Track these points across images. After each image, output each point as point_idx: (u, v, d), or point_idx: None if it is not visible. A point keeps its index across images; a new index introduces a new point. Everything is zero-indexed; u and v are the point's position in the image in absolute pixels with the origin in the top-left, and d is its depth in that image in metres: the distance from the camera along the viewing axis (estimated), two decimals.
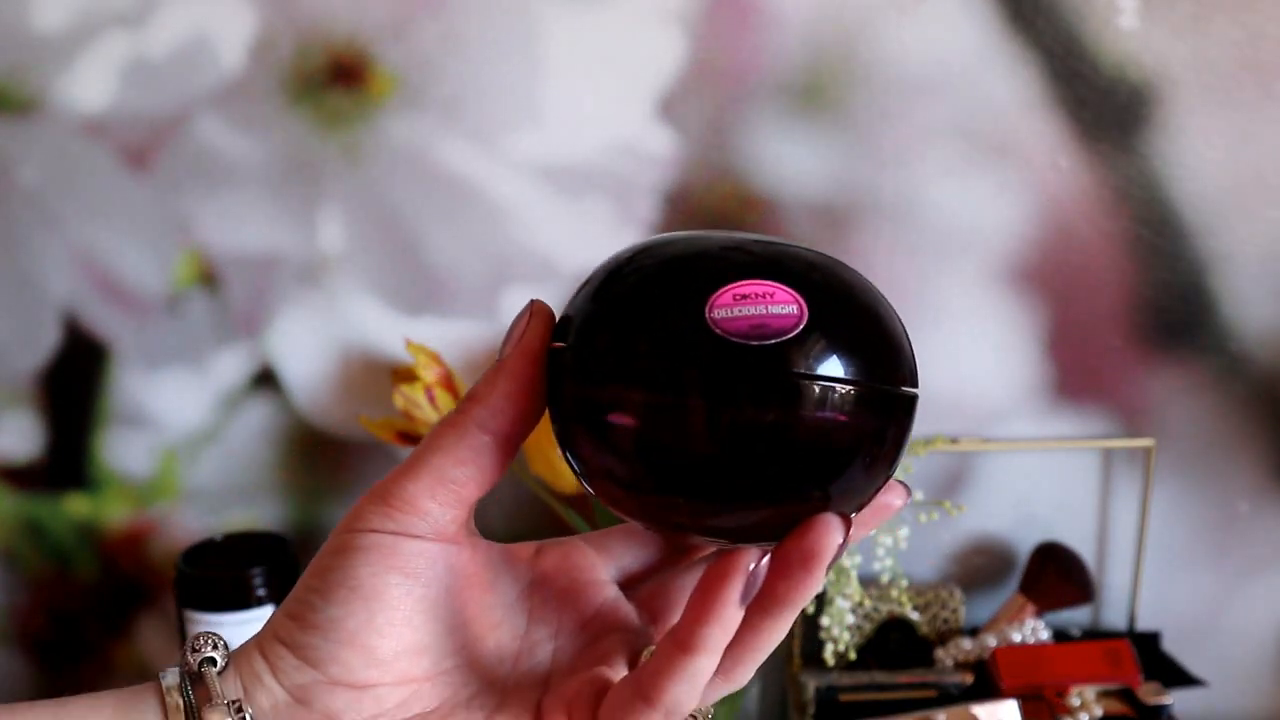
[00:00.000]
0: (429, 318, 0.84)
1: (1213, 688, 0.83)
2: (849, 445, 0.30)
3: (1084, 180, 0.82)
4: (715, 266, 0.30)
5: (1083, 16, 0.79)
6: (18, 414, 0.86)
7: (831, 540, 0.29)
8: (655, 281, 0.30)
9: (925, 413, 0.91)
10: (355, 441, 0.86)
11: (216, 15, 0.79)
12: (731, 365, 0.28)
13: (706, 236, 0.32)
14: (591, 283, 0.32)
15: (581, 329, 0.31)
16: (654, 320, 0.29)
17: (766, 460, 0.29)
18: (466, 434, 0.32)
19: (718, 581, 0.30)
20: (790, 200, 0.82)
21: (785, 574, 0.30)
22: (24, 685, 0.90)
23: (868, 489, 0.31)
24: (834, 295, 0.30)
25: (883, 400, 0.30)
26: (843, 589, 0.71)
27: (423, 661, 0.33)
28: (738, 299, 0.29)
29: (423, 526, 0.32)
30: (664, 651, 0.31)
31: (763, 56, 0.80)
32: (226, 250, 0.83)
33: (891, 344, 0.31)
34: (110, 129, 0.81)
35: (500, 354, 0.33)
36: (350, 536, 0.33)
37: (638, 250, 0.32)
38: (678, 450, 0.29)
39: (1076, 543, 0.86)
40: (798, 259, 0.31)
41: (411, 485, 0.32)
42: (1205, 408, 0.85)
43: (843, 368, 0.29)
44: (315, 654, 0.32)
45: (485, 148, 0.81)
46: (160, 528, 0.88)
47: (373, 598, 0.32)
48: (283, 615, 0.33)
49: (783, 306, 0.29)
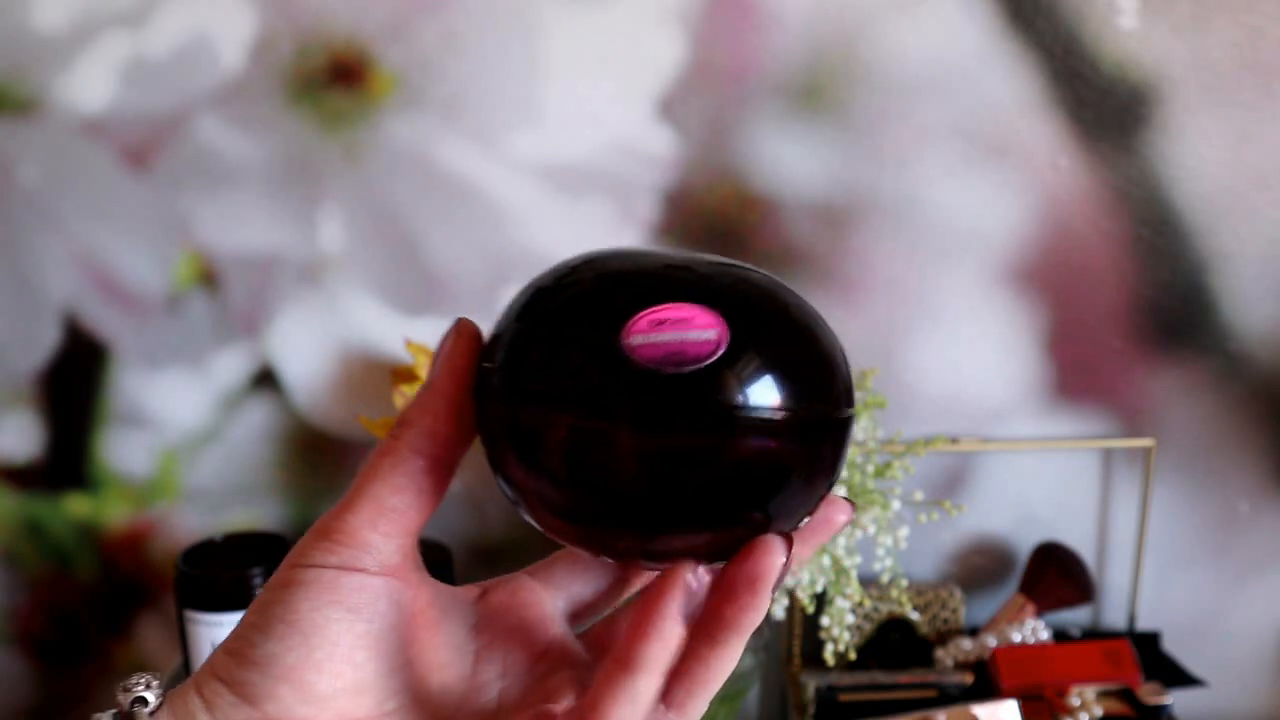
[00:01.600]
0: (429, 318, 0.84)
1: (1213, 688, 0.83)
2: (781, 468, 0.29)
3: (1084, 180, 0.82)
4: (638, 289, 0.29)
5: (1083, 16, 0.79)
6: (18, 414, 0.86)
7: (774, 562, 0.29)
8: (578, 303, 0.29)
9: (925, 413, 0.91)
10: (355, 441, 0.86)
11: (216, 15, 0.79)
12: (645, 393, 0.28)
13: (645, 254, 0.31)
14: (519, 300, 0.31)
15: (508, 349, 0.30)
16: (573, 344, 0.29)
17: (694, 487, 0.28)
18: (400, 460, 0.32)
19: (656, 597, 0.29)
20: (790, 200, 0.82)
21: (731, 598, 0.29)
22: (24, 685, 0.91)
23: (805, 507, 0.31)
24: (760, 318, 0.29)
25: (813, 424, 0.29)
26: (843, 589, 0.71)
27: (364, 701, 0.32)
28: (654, 325, 0.28)
29: (366, 560, 0.32)
30: (605, 673, 0.30)
31: (763, 56, 0.80)
32: (226, 250, 0.83)
33: (821, 366, 0.30)
34: (110, 129, 0.81)
35: (430, 375, 0.32)
36: (292, 572, 0.32)
37: (570, 267, 0.31)
38: (606, 478, 0.29)
39: (1076, 543, 0.86)
40: (729, 280, 0.30)
41: (352, 518, 0.32)
42: (1205, 408, 0.85)
43: (766, 393, 0.28)
44: (252, 690, 0.31)
45: (485, 148, 0.81)
46: (160, 528, 0.88)
47: (312, 632, 0.31)
48: (221, 652, 0.33)
49: (701, 332, 0.28)
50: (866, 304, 0.84)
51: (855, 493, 0.72)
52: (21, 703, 0.91)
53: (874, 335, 0.84)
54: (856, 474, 0.72)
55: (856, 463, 0.73)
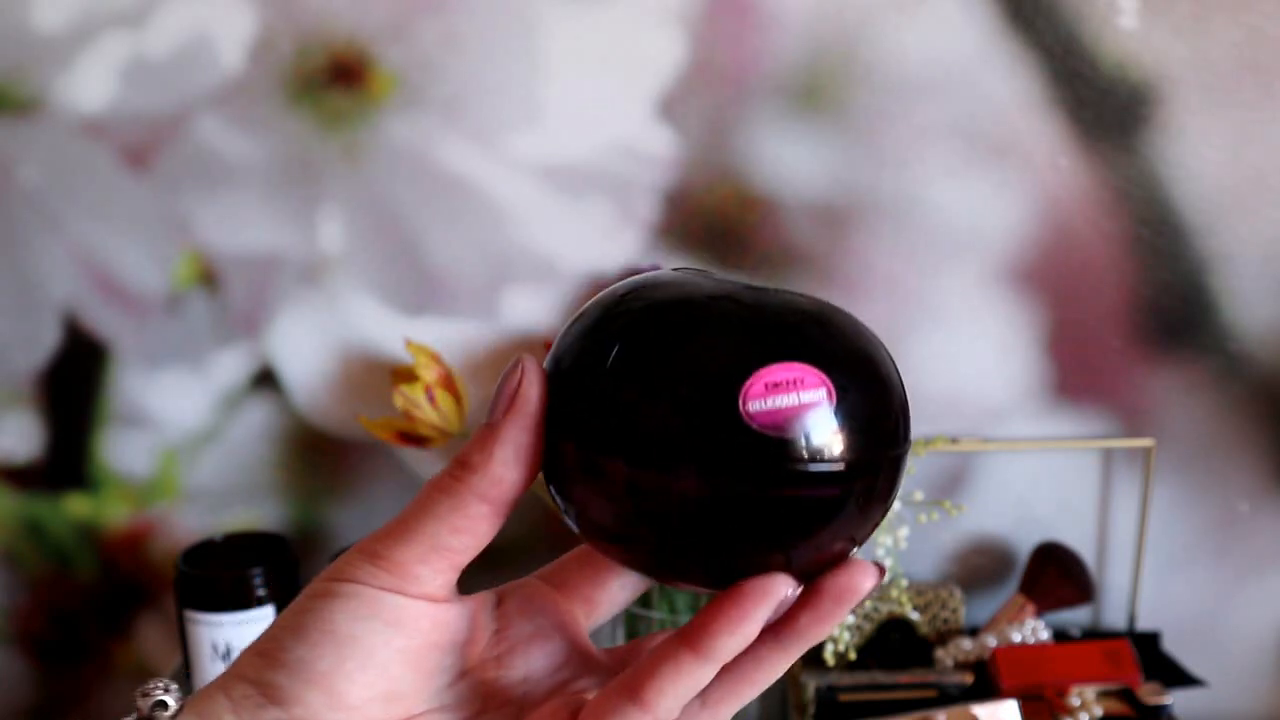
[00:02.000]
0: (429, 318, 0.84)
1: (1213, 688, 0.83)
2: (842, 505, 0.30)
3: (1084, 180, 0.82)
4: (743, 342, 0.29)
5: (1083, 16, 0.79)
6: (18, 414, 0.86)
7: (865, 584, 0.30)
8: (679, 360, 0.29)
9: (925, 413, 0.91)
10: (355, 441, 0.86)
11: (216, 15, 0.79)
12: (761, 457, 0.28)
13: (719, 289, 0.31)
14: (591, 336, 0.31)
15: (598, 401, 0.30)
16: (685, 407, 0.29)
17: (782, 539, 0.29)
18: (462, 503, 0.31)
19: (748, 598, 0.29)
20: (790, 200, 0.82)
21: (814, 608, 0.30)
22: (24, 685, 0.91)
23: (867, 530, 0.32)
24: (853, 370, 0.30)
25: (890, 462, 0.31)
26: None
27: (394, 708, 0.32)
28: (770, 388, 0.28)
29: (411, 588, 0.32)
30: (666, 651, 0.30)
31: (763, 56, 0.80)
32: (226, 250, 0.83)
33: (896, 410, 0.31)
34: (110, 129, 0.81)
35: (492, 414, 0.31)
36: (332, 585, 0.32)
37: (641, 304, 0.31)
38: (700, 533, 0.29)
39: (1076, 543, 0.86)
40: (819, 327, 0.30)
41: (404, 550, 0.31)
42: (1205, 408, 0.85)
43: (853, 443, 0.29)
44: (280, 693, 0.31)
45: (485, 148, 0.81)
46: (160, 528, 0.88)
47: (346, 642, 0.31)
48: (250, 653, 0.32)
49: (812, 392, 0.29)
50: (866, 304, 0.84)
51: None
52: (21, 703, 0.91)
53: None
54: None
55: None
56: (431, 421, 0.75)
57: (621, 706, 0.30)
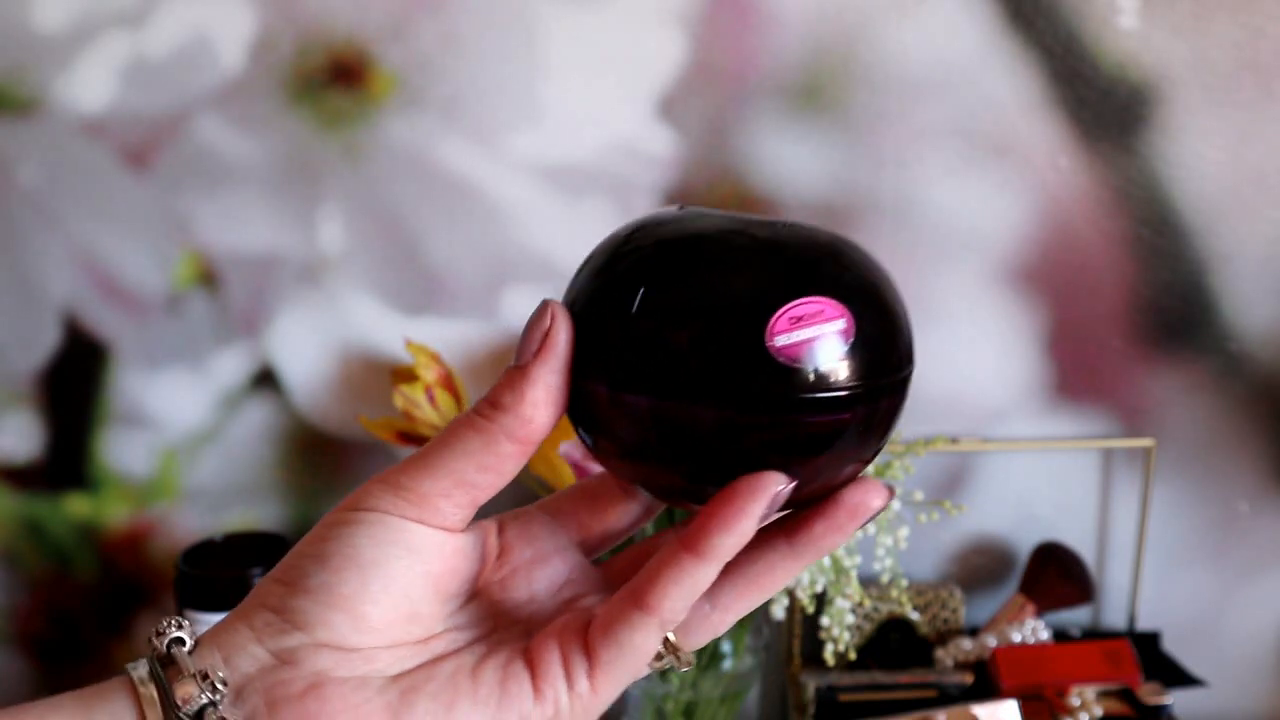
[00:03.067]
0: (429, 318, 0.84)
1: (1213, 688, 0.83)
2: (852, 427, 0.32)
3: (1084, 180, 0.82)
4: (764, 279, 0.31)
5: (1083, 16, 0.79)
6: (18, 414, 0.86)
7: (876, 501, 0.32)
8: (702, 293, 0.30)
9: (925, 413, 0.91)
10: (355, 441, 0.86)
11: (216, 15, 0.79)
12: (790, 386, 0.30)
13: (729, 225, 0.32)
14: (617, 272, 0.32)
15: (628, 339, 0.31)
16: (713, 341, 0.30)
17: (822, 452, 0.31)
18: (493, 441, 0.32)
19: (740, 495, 0.30)
20: (790, 200, 0.82)
21: (828, 517, 0.32)
22: (24, 685, 0.91)
23: (878, 447, 0.34)
24: (866, 298, 0.32)
25: (900, 384, 0.33)
26: (843, 589, 0.71)
27: (414, 629, 0.33)
28: (793, 322, 0.30)
29: (432, 519, 0.33)
30: (668, 555, 0.31)
31: (763, 56, 0.80)
32: (226, 250, 0.83)
33: (903, 334, 0.33)
34: (110, 129, 0.81)
35: (520, 357, 0.32)
36: (354, 514, 0.33)
37: (666, 237, 0.32)
38: (722, 457, 0.31)
39: (1076, 543, 0.86)
40: (833, 259, 0.32)
41: (429, 482, 0.32)
42: (1205, 408, 0.85)
43: (878, 370, 0.31)
44: (303, 618, 0.32)
45: (485, 148, 0.81)
46: (160, 528, 0.88)
47: (369, 566, 0.32)
48: (270, 582, 0.33)
49: (833, 324, 0.30)
50: None
51: None
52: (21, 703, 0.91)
53: None
54: None
55: None
56: (431, 421, 0.75)
57: (628, 614, 0.31)
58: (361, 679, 0.31)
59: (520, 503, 0.39)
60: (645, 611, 0.31)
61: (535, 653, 0.32)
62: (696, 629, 0.34)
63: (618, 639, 0.31)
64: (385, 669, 0.32)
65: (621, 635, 0.31)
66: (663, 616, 0.31)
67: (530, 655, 0.32)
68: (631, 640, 0.31)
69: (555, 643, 0.32)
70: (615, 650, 0.31)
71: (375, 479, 0.33)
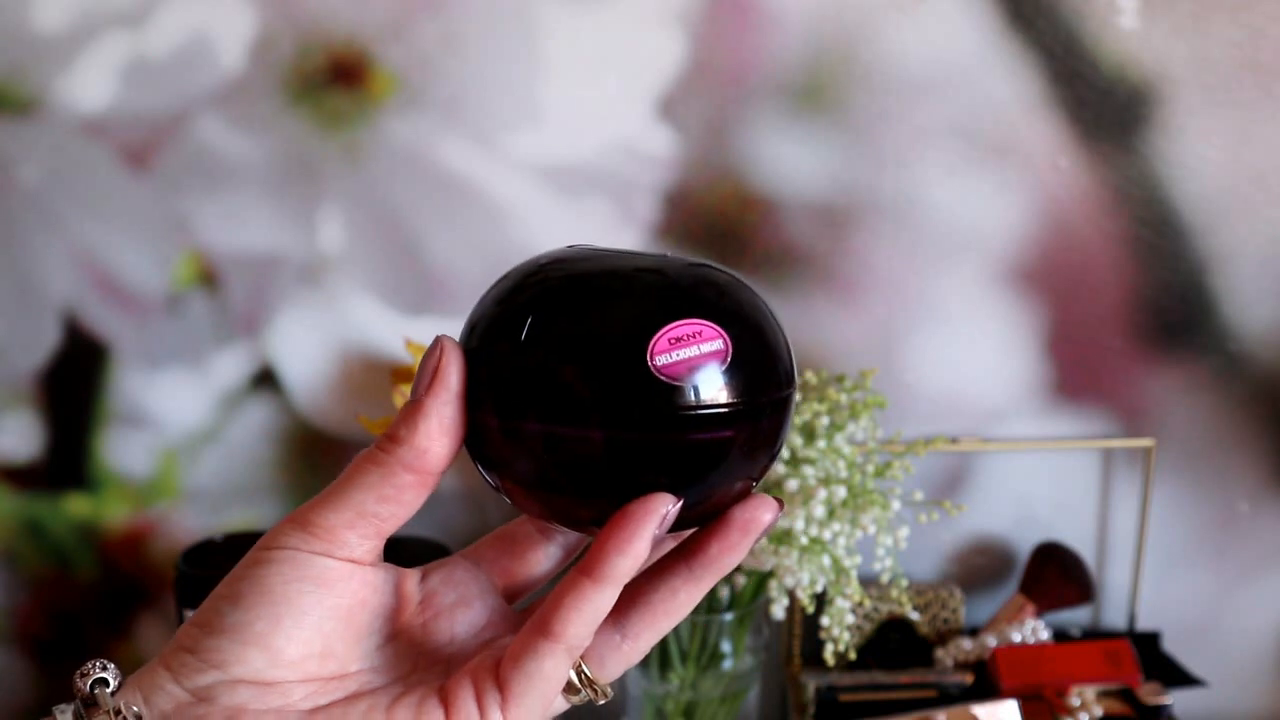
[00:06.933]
0: (429, 318, 0.84)
1: (1213, 688, 0.83)
2: (731, 445, 0.33)
3: (1084, 180, 0.82)
4: (642, 305, 0.32)
5: (1083, 16, 0.79)
6: (18, 414, 0.86)
7: (766, 516, 0.33)
8: (587, 320, 0.32)
9: (925, 413, 0.91)
10: (355, 441, 0.86)
11: (216, 15, 0.79)
12: (671, 403, 0.31)
13: (609, 257, 0.34)
14: (506, 308, 0.34)
15: (504, 362, 0.33)
16: (598, 365, 0.31)
17: (709, 469, 0.32)
18: (391, 473, 0.33)
19: (631, 518, 0.32)
20: (790, 200, 0.82)
21: (722, 537, 0.33)
22: (24, 685, 0.91)
23: (765, 464, 0.35)
24: (741, 323, 0.33)
25: (781, 403, 0.34)
26: (843, 589, 0.71)
27: (329, 664, 0.34)
28: (673, 343, 0.31)
29: (339, 551, 0.34)
30: (568, 582, 0.32)
31: (763, 56, 0.80)
32: (226, 250, 0.83)
33: (779, 356, 0.34)
34: (110, 129, 0.81)
35: (414, 393, 0.34)
36: (265, 553, 0.34)
37: (554, 275, 0.33)
38: (615, 475, 0.32)
39: (1076, 543, 0.86)
40: (710, 287, 0.33)
41: (333, 515, 0.34)
42: (1205, 408, 0.85)
43: (745, 387, 0.32)
44: (220, 656, 0.33)
45: (485, 148, 0.81)
46: (160, 528, 0.88)
47: (282, 602, 0.33)
48: (189, 626, 0.34)
49: (710, 344, 0.32)
50: (866, 304, 0.84)
51: (855, 493, 0.72)
52: (21, 703, 0.91)
53: (874, 335, 0.84)
54: (856, 474, 0.72)
55: (856, 463, 0.73)
56: None
57: (534, 643, 0.32)
58: (276, 712, 0.32)
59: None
60: (550, 639, 0.32)
61: (449, 689, 0.33)
62: (609, 660, 0.35)
63: (526, 669, 0.32)
64: (300, 703, 0.33)
65: (529, 665, 0.32)
66: (569, 642, 0.32)
67: (444, 691, 0.33)
68: (540, 669, 0.32)
69: (469, 679, 0.33)
70: (525, 680, 0.32)
71: (285, 519, 0.34)
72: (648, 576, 0.35)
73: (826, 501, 0.71)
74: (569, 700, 0.35)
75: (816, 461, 0.72)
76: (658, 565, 0.35)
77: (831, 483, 0.71)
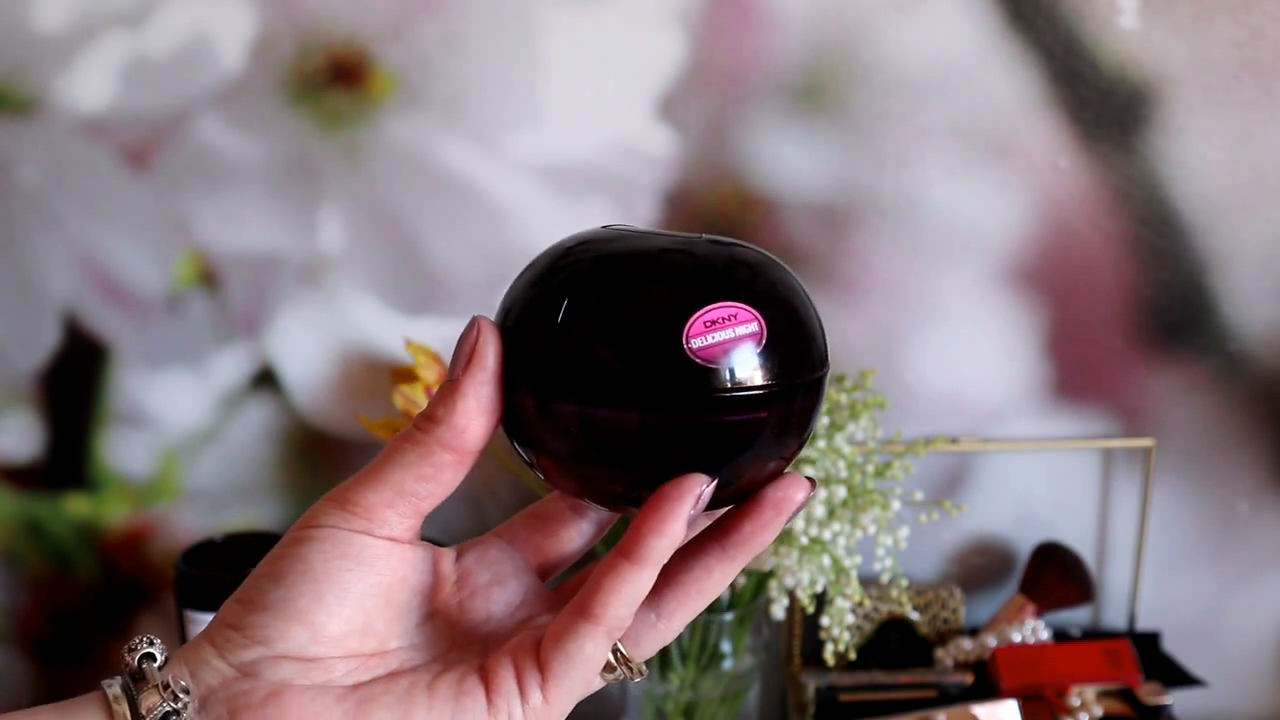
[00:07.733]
0: (429, 318, 0.84)
1: (1213, 688, 0.83)
2: (766, 426, 0.33)
3: (1084, 180, 0.82)
4: (678, 286, 0.32)
5: (1083, 16, 0.79)
6: (18, 414, 0.86)
7: (799, 494, 0.34)
8: (623, 302, 0.32)
9: (925, 413, 0.91)
10: (355, 441, 0.86)
11: (216, 15, 0.79)
12: (708, 387, 0.32)
13: (648, 239, 0.34)
14: (542, 290, 0.34)
15: (541, 343, 0.33)
16: (634, 347, 0.32)
17: (743, 450, 0.33)
18: (429, 452, 0.34)
19: (667, 499, 0.32)
20: (790, 200, 0.82)
21: (755, 515, 0.34)
22: (24, 685, 0.91)
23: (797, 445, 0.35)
24: (776, 304, 0.33)
25: (815, 384, 0.34)
26: (843, 589, 0.71)
27: (369, 641, 0.34)
28: (708, 325, 0.32)
29: (378, 530, 0.34)
30: (606, 564, 0.33)
31: (763, 56, 0.80)
32: (226, 250, 0.83)
33: (814, 337, 0.35)
34: (110, 129, 0.81)
35: (452, 371, 0.34)
36: (305, 531, 0.34)
37: (588, 256, 0.34)
38: (647, 459, 0.32)
39: (1076, 543, 0.86)
40: (745, 268, 0.34)
41: (372, 495, 0.34)
42: (1205, 408, 0.85)
43: (782, 368, 0.33)
44: (263, 632, 0.33)
45: (485, 148, 0.81)
46: (160, 528, 0.88)
47: (323, 579, 0.33)
48: (231, 602, 0.35)
49: (745, 326, 0.32)
50: (866, 304, 0.84)
51: (855, 493, 0.72)
52: (21, 703, 0.91)
53: (874, 335, 0.84)
54: (856, 474, 0.72)
55: (856, 463, 0.73)
56: None
57: (575, 624, 0.33)
58: (320, 688, 0.33)
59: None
60: (591, 621, 0.32)
61: (490, 668, 0.34)
62: (645, 638, 0.36)
63: (567, 650, 0.33)
64: (343, 679, 0.33)
65: (570, 646, 0.33)
66: (608, 624, 0.33)
67: (485, 670, 0.34)
68: (581, 650, 0.33)
69: (509, 658, 0.34)
70: (566, 661, 0.33)
71: (324, 498, 0.35)
72: (682, 556, 0.35)
73: (826, 501, 0.71)
74: (605, 679, 0.35)
75: (816, 461, 0.72)
76: (692, 545, 0.35)
77: (831, 483, 0.71)
